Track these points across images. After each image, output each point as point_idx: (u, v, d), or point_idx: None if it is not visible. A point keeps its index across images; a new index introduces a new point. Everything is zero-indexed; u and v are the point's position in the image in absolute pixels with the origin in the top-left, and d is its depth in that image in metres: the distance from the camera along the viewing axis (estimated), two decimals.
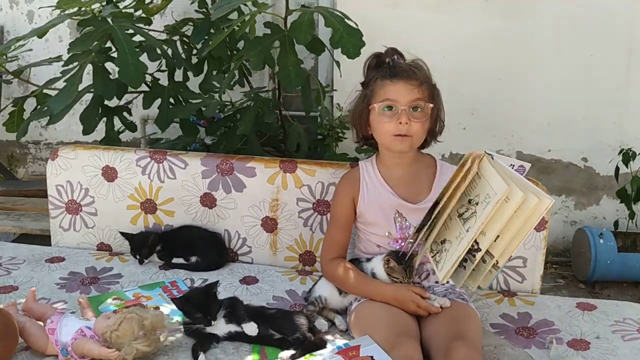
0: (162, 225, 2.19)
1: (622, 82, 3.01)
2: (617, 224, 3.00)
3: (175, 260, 2.10)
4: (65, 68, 2.19)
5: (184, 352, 1.58)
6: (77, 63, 2.17)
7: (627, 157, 2.87)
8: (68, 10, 2.26)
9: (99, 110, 2.40)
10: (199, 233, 2.13)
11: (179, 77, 2.58)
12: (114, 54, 2.23)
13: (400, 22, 2.94)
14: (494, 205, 1.37)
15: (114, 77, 2.26)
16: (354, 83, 1.81)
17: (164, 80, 2.51)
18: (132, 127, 2.56)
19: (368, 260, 1.75)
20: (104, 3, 2.29)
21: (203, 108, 2.45)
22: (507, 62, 3.00)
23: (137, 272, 2.05)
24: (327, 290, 1.77)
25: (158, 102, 2.41)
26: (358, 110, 1.75)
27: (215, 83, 2.58)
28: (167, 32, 2.66)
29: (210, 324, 1.60)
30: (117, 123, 2.51)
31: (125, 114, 2.53)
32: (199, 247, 2.09)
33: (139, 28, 2.27)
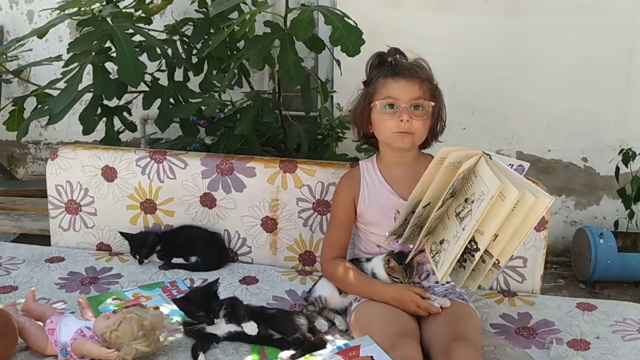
0: (161, 225, 2.19)
1: (622, 82, 3.01)
2: (617, 224, 2.99)
3: (175, 260, 2.10)
4: (66, 69, 2.19)
5: (184, 352, 1.58)
6: (77, 63, 2.17)
7: (627, 157, 2.87)
8: (68, 10, 2.26)
9: (98, 110, 2.40)
10: (199, 233, 2.13)
11: (179, 77, 2.58)
12: (114, 54, 2.23)
13: (400, 21, 2.94)
14: (488, 202, 1.36)
15: (114, 77, 2.26)
16: (354, 83, 1.81)
17: (164, 80, 2.50)
18: (132, 127, 2.56)
19: (368, 260, 1.75)
20: (104, 3, 2.29)
21: (203, 108, 2.44)
22: (507, 62, 3.00)
23: (136, 272, 2.05)
24: (327, 291, 1.77)
25: (158, 102, 2.41)
26: (360, 108, 1.75)
27: (216, 82, 2.58)
28: (167, 32, 2.66)
29: (214, 322, 1.60)
30: (117, 123, 2.50)
31: (125, 114, 2.52)
32: (199, 247, 2.09)
33: (139, 28, 2.27)
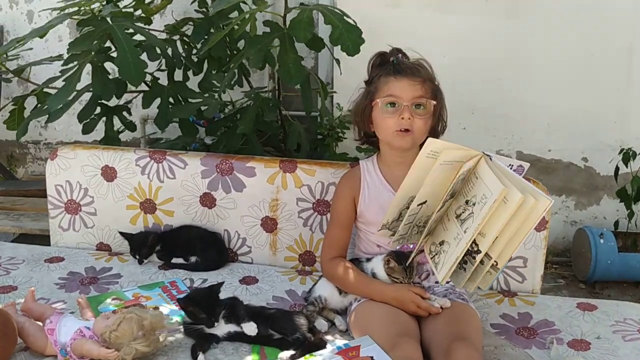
0: (161, 225, 2.19)
1: (622, 82, 3.00)
2: (617, 224, 2.99)
3: (175, 260, 2.09)
4: (65, 67, 2.19)
5: (184, 352, 1.58)
6: (76, 62, 2.17)
7: (627, 157, 2.86)
8: (68, 10, 2.25)
9: (97, 109, 2.40)
10: (199, 233, 2.13)
11: (179, 76, 2.58)
12: (114, 54, 2.23)
13: (400, 21, 2.94)
14: (491, 206, 1.36)
15: (114, 76, 2.25)
16: (355, 83, 1.81)
17: (164, 80, 2.50)
18: (131, 126, 2.56)
19: (368, 260, 1.74)
20: (104, 3, 2.29)
21: (203, 108, 2.44)
22: (507, 61, 3.00)
23: (136, 272, 2.05)
24: (327, 290, 1.77)
25: (158, 101, 2.41)
26: (361, 107, 1.75)
27: (215, 82, 2.58)
28: (167, 31, 2.65)
29: (214, 325, 1.60)
30: (116, 123, 2.50)
31: (125, 114, 2.52)
32: (199, 247, 2.09)
33: (139, 27, 2.27)
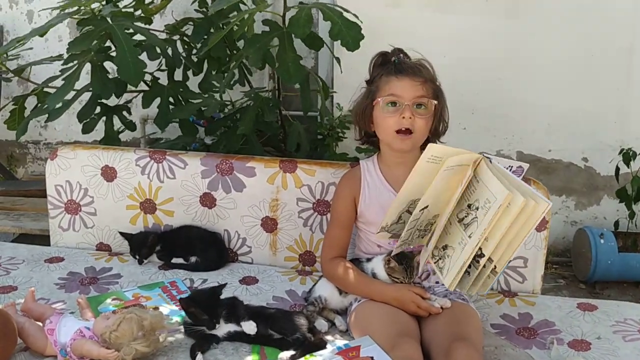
0: (161, 225, 2.18)
1: (622, 81, 3.00)
2: (617, 224, 2.99)
3: (175, 261, 2.09)
4: (65, 67, 2.18)
5: (183, 352, 1.58)
6: (76, 62, 2.17)
7: (627, 157, 2.86)
8: (68, 10, 2.25)
9: (97, 109, 2.40)
10: (199, 233, 2.12)
11: (179, 76, 2.58)
12: (114, 53, 2.23)
13: (400, 21, 2.93)
14: (496, 211, 1.35)
15: (113, 76, 2.25)
16: (355, 83, 1.81)
17: (164, 80, 2.50)
18: (131, 126, 2.56)
19: (368, 260, 1.74)
20: (104, 2, 2.29)
21: (203, 108, 2.44)
22: (507, 61, 3.00)
23: (136, 272, 2.04)
24: (327, 291, 1.76)
25: (157, 101, 2.41)
26: (362, 106, 1.75)
27: (215, 82, 2.58)
28: (167, 31, 2.65)
29: (215, 327, 1.59)
30: (116, 122, 2.50)
31: (125, 114, 2.52)
32: (199, 247, 2.09)
33: (139, 27, 2.26)
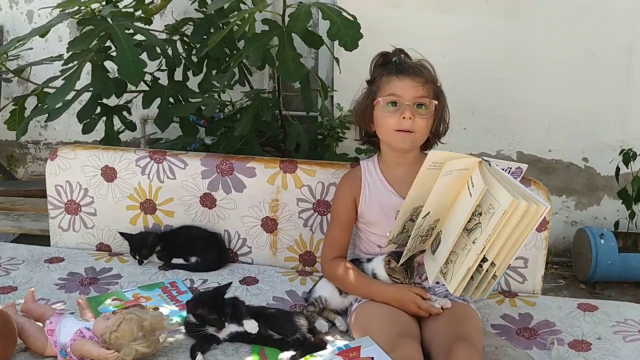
0: (161, 226, 2.18)
1: (622, 82, 3.00)
2: (617, 224, 2.99)
3: (175, 261, 2.09)
4: (65, 67, 2.18)
5: (184, 352, 1.58)
6: (76, 62, 2.17)
7: (627, 157, 2.86)
8: (68, 10, 2.25)
9: (97, 109, 2.40)
10: (199, 233, 2.12)
11: (179, 76, 2.57)
12: (114, 53, 2.23)
13: (400, 21, 2.93)
14: (501, 217, 1.35)
15: (114, 76, 2.25)
16: (355, 83, 1.81)
17: (164, 80, 2.50)
18: (131, 126, 2.55)
19: (369, 261, 1.74)
20: (104, 2, 2.28)
21: (203, 107, 2.44)
22: (507, 61, 3.00)
23: (136, 272, 2.04)
24: (327, 291, 1.76)
25: (158, 101, 2.40)
26: (362, 106, 1.75)
27: (215, 82, 2.58)
28: (167, 31, 2.65)
29: (224, 326, 1.59)
30: (116, 123, 2.50)
31: (125, 114, 2.52)
32: (199, 247, 2.09)
33: (139, 27, 2.26)
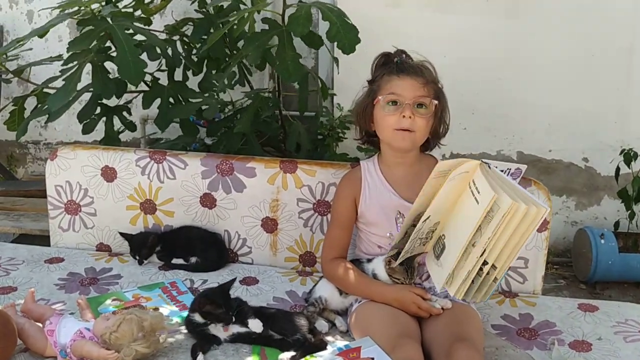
0: (161, 226, 2.18)
1: (622, 81, 3.00)
2: (617, 225, 2.99)
3: (175, 261, 2.09)
4: (65, 67, 2.18)
5: (184, 353, 1.58)
6: (76, 62, 2.17)
7: (628, 157, 2.86)
8: (68, 10, 2.25)
9: (97, 109, 2.39)
10: (199, 233, 2.12)
11: (179, 76, 2.57)
12: (114, 54, 2.23)
13: (401, 21, 2.93)
14: (500, 220, 1.34)
15: (114, 76, 2.25)
16: (354, 83, 1.81)
17: (164, 80, 2.50)
18: (131, 127, 2.55)
19: (369, 261, 1.74)
20: (104, 3, 2.28)
21: (203, 108, 2.44)
22: (507, 62, 3.00)
23: (136, 272, 2.04)
24: (327, 291, 1.76)
25: (158, 101, 2.40)
26: (363, 105, 1.75)
27: (215, 82, 2.57)
28: (167, 31, 2.65)
29: (232, 320, 1.59)
30: (116, 123, 2.50)
31: (125, 114, 2.52)
32: (199, 247, 2.08)
33: (139, 27, 2.26)
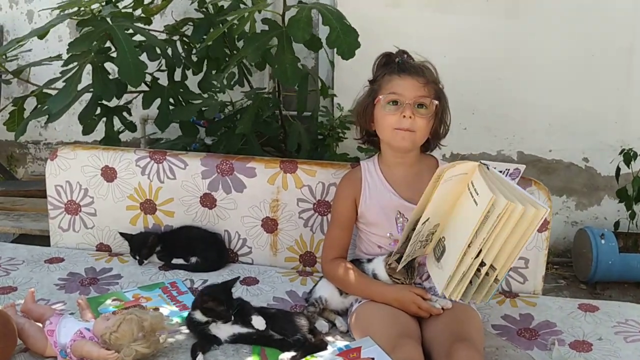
0: (161, 226, 2.18)
1: (623, 81, 3.00)
2: (618, 225, 2.99)
3: (175, 261, 2.09)
4: (65, 68, 2.18)
5: (184, 353, 1.57)
6: (76, 63, 2.17)
7: (628, 157, 2.86)
8: (68, 10, 2.25)
9: (98, 110, 2.40)
10: (199, 233, 2.12)
11: (179, 76, 2.57)
12: (114, 54, 2.23)
13: (401, 21, 2.93)
14: (495, 220, 1.34)
15: (114, 77, 2.25)
16: (354, 83, 1.81)
17: (164, 80, 2.50)
18: (131, 127, 2.55)
19: (369, 261, 1.74)
20: (103, 3, 2.28)
21: (203, 108, 2.44)
22: (507, 62, 2.99)
23: (136, 272, 2.04)
24: (327, 291, 1.76)
25: (158, 102, 2.40)
26: (363, 104, 1.75)
27: (215, 82, 2.58)
28: (167, 32, 2.65)
29: (231, 318, 1.59)
30: (116, 123, 2.50)
31: (125, 114, 2.52)
32: (199, 247, 2.08)
33: (139, 27, 2.26)
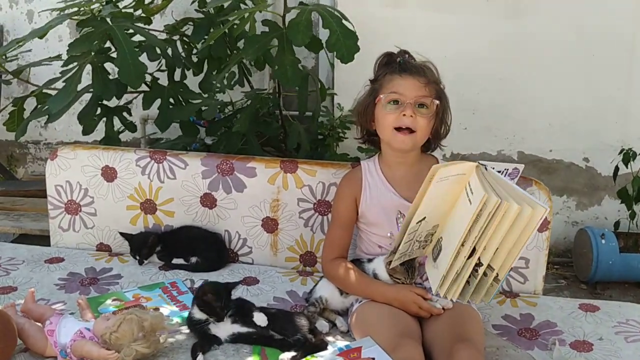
0: (162, 226, 2.18)
1: (623, 82, 3.00)
2: (618, 225, 2.98)
3: (175, 261, 2.09)
4: (65, 68, 2.18)
5: (184, 353, 1.57)
6: (76, 63, 2.17)
7: (627, 157, 2.85)
8: (68, 10, 2.25)
9: (98, 110, 2.40)
10: (199, 233, 2.12)
11: (179, 76, 2.57)
12: (114, 54, 2.23)
13: (401, 22, 2.93)
14: (486, 219, 1.34)
15: (114, 77, 2.25)
16: (355, 84, 1.81)
17: (164, 80, 2.50)
18: (131, 127, 2.56)
19: (369, 261, 1.74)
20: (104, 3, 2.28)
21: (203, 108, 2.43)
22: (508, 62, 2.99)
23: (136, 272, 2.04)
24: (328, 291, 1.76)
25: (158, 102, 2.40)
26: (364, 104, 1.75)
27: (215, 82, 2.58)
28: (167, 32, 2.65)
29: (223, 319, 1.59)
30: (117, 123, 2.50)
31: (125, 114, 2.52)
32: (199, 247, 2.08)
33: (139, 27, 2.26)
